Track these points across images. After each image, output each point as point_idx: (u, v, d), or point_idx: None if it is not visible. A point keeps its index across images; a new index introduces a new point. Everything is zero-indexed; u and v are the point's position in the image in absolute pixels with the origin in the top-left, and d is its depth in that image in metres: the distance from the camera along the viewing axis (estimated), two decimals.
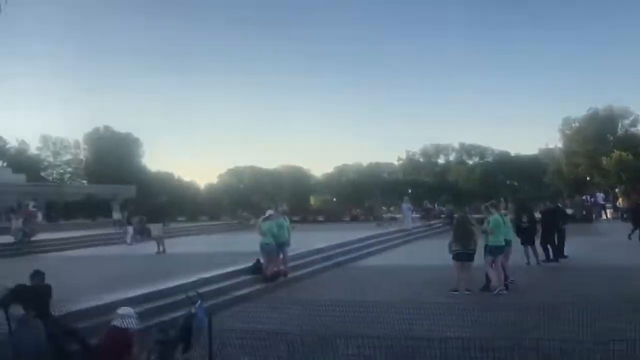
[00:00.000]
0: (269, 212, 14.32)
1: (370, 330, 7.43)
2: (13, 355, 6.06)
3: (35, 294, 7.69)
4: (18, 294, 7.58)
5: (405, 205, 28.88)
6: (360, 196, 57.09)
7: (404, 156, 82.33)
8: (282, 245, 13.88)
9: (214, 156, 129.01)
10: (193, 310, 7.05)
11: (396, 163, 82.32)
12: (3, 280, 8.54)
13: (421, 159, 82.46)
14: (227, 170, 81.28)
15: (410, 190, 51.79)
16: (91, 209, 38.39)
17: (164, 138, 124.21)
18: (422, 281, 13.21)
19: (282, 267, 13.97)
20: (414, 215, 32.57)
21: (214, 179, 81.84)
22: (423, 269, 15.44)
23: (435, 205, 47.41)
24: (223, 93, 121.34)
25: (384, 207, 46.55)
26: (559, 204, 20.72)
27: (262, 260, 13.52)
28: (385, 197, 55.85)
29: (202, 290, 9.25)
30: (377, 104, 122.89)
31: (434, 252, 17.96)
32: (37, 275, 8.14)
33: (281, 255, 13.97)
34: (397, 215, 37.75)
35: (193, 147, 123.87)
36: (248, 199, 60.84)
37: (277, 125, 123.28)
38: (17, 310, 7.12)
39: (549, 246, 15.63)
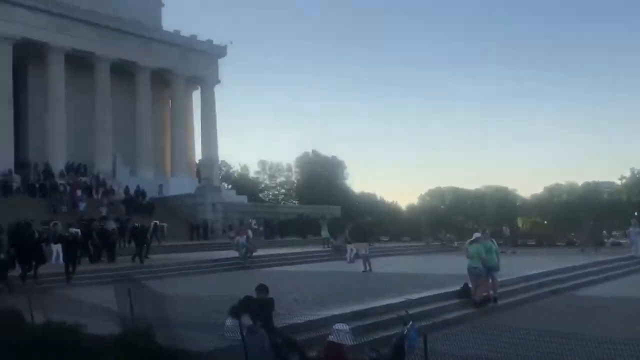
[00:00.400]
0: (476, 234, 13.82)
1: None
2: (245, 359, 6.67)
3: (260, 306, 8.42)
4: (246, 304, 8.34)
5: (634, 230, 25.64)
6: (575, 219, 52.24)
7: (627, 174, 73.41)
8: (490, 269, 13.28)
9: (415, 177, 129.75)
10: (405, 331, 7.07)
11: (618, 182, 73.72)
12: (230, 291, 9.52)
13: None
14: (428, 190, 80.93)
15: (637, 213, 45.96)
16: (302, 228, 41.07)
17: (366, 160, 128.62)
18: None
19: (491, 292, 13.35)
20: None
21: (414, 200, 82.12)
22: None
23: None
24: (422, 112, 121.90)
25: (604, 232, 41.96)
26: None
27: (470, 284, 13.09)
28: (606, 220, 50.35)
29: (410, 311, 9.22)
30: (594, 118, 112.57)
31: None
32: (262, 289, 8.90)
33: (490, 280, 13.38)
34: (622, 241, 33.74)
35: (394, 168, 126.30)
36: (449, 220, 59.60)
37: (480, 144, 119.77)
38: (245, 319, 7.80)
39: None
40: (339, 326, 7.15)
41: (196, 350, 7.17)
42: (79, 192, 39.14)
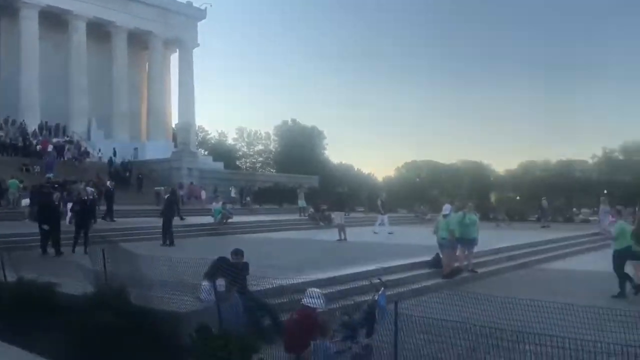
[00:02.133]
0: (446, 207, 14.04)
1: (554, 331, 6.87)
2: (218, 322, 6.76)
3: (235, 269, 8.48)
4: (219, 267, 8.39)
5: (603, 208, 26.27)
6: (548, 195, 53.34)
7: (599, 153, 74.55)
8: (471, 241, 13.82)
9: (393, 149, 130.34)
10: (376, 297, 7.22)
11: (590, 161, 74.95)
12: (205, 255, 9.54)
13: (621, 157, 73.89)
14: (405, 163, 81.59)
15: (605, 191, 46.98)
16: (279, 196, 41.11)
17: (345, 131, 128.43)
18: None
19: (465, 263, 13.81)
20: (612, 219, 29.45)
21: (391, 172, 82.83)
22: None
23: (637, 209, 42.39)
24: (403, 86, 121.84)
25: (574, 209, 42.97)
26: None
27: (441, 255, 13.42)
28: (578, 197, 51.42)
29: (383, 278, 9.40)
30: (568, 98, 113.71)
31: None
32: (238, 252, 8.98)
33: (466, 252, 13.85)
34: (592, 218, 34.80)
35: (372, 140, 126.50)
36: (425, 194, 60.26)
37: (456, 119, 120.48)
38: (219, 282, 7.86)
39: None
40: (311, 291, 7.28)
41: (170, 311, 7.24)
42: (49, 148, 37.98)
